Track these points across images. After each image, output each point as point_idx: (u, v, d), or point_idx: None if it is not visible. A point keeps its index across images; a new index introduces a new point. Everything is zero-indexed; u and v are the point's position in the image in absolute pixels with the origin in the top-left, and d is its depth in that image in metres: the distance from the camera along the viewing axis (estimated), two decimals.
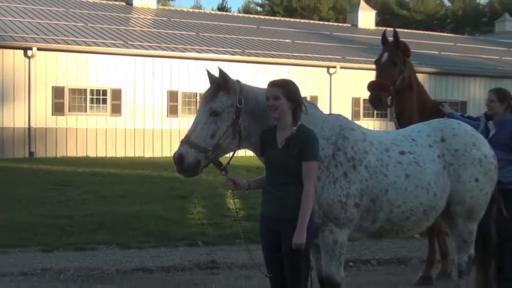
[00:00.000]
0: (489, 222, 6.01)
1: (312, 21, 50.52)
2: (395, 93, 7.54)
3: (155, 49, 28.60)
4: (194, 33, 33.22)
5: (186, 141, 4.90)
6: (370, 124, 30.77)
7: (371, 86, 7.40)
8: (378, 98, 7.36)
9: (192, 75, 27.79)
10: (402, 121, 7.53)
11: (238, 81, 5.09)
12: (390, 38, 7.77)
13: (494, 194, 5.92)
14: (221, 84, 5.00)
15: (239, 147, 5.09)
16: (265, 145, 4.94)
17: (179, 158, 4.86)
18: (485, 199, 5.80)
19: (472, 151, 5.69)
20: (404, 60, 7.56)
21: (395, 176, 5.31)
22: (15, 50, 25.71)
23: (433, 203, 5.49)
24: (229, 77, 5.02)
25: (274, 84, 4.91)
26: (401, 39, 7.78)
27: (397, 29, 8.32)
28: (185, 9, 45.32)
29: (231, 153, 5.11)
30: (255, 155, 5.20)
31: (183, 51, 29.03)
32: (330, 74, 31.86)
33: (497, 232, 6.39)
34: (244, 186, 5.06)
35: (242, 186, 5.03)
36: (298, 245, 4.68)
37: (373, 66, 7.73)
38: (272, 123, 4.95)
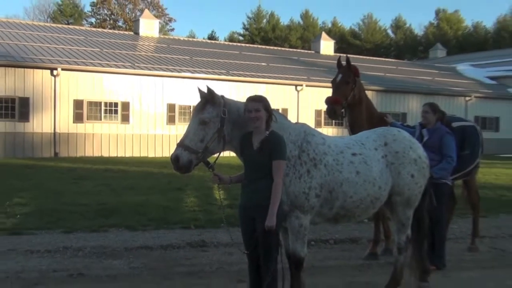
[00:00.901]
0: (422, 209, 6.04)
1: (283, 48, 50.61)
2: (347, 106, 7.59)
3: (157, 70, 28.54)
4: (189, 57, 33.18)
5: (181, 145, 4.94)
6: (329, 131, 30.91)
7: (328, 101, 7.46)
8: (333, 110, 7.43)
9: (187, 91, 27.74)
10: (354, 129, 7.55)
11: (223, 96, 5.12)
12: (344, 62, 7.81)
13: (426, 187, 5.97)
14: (208, 98, 5.03)
15: (224, 149, 5.13)
16: (243, 147, 4.95)
17: (175, 158, 4.90)
18: (420, 191, 5.83)
19: (409, 153, 5.72)
20: (354, 80, 7.57)
21: (348, 173, 5.33)
22: (43, 70, 25.58)
23: (378, 194, 5.52)
24: (215, 93, 5.06)
25: (254, 99, 4.92)
26: (353, 63, 7.80)
27: (350, 55, 8.39)
28: (182, 38, 45.24)
29: (217, 154, 5.13)
30: (236, 155, 5.20)
31: (179, 72, 29.02)
32: (298, 91, 31.99)
33: (429, 217, 6.46)
34: (227, 181, 5.09)
35: (225, 181, 5.07)
36: (270, 227, 4.69)
37: (331, 85, 7.77)
38: (250, 129, 4.98)
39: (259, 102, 4.89)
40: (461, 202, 8.79)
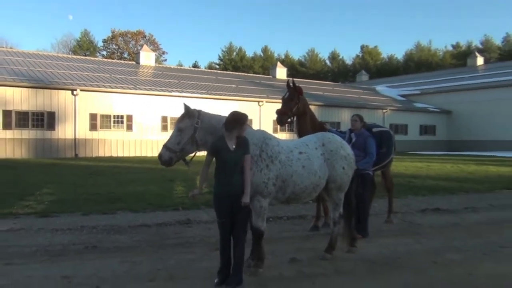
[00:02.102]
0: (351, 193, 6.10)
1: (248, 74, 50.60)
2: (295, 117, 7.61)
3: (153, 91, 28.20)
4: (177, 81, 32.89)
5: (164, 146, 5.15)
6: (283, 136, 31.00)
7: (277, 112, 7.50)
8: (280, 119, 7.46)
9: (176, 106, 27.47)
10: (301, 134, 7.56)
11: (199, 111, 5.18)
12: (291, 84, 7.82)
13: (353, 176, 6.03)
14: (185, 112, 5.13)
15: (199, 150, 5.19)
16: (219, 149, 4.88)
17: (159, 156, 5.14)
18: (349, 179, 5.88)
19: (340, 151, 5.76)
20: (298, 97, 7.55)
21: (296, 167, 5.36)
22: (66, 91, 25.00)
23: (318, 182, 5.55)
24: (190, 108, 5.16)
25: (246, 117, 4.98)
26: (298, 85, 7.81)
27: (297, 79, 8.47)
28: (172, 66, 44.79)
29: (193, 154, 5.22)
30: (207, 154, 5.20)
31: (170, 92, 28.72)
32: (260, 106, 31.99)
33: (356, 198, 6.53)
34: (200, 192, 5.05)
35: (199, 192, 5.02)
36: (246, 203, 4.77)
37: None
38: (220, 134, 4.96)
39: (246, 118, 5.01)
40: (379, 187, 8.91)
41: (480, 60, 55.30)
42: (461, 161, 24.53)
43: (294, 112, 7.50)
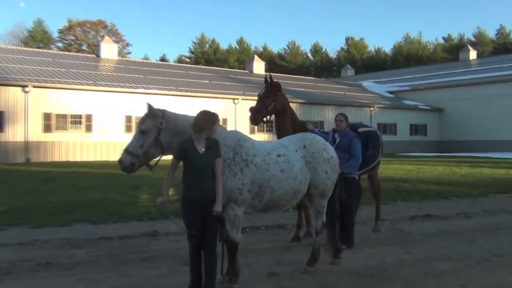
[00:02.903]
0: (334, 199, 6.12)
1: (223, 69, 50.63)
2: (272, 116, 7.62)
3: (116, 87, 27.94)
4: (143, 76, 32.64)
5: (125, 150, 5.10)
6: (261, 136, 31.10)
7: (250, 110, 7.51)
8: (254, 118, 7.47)
9: (142, 104, 27.22)
10: (280, 134, 7.57)
11: (163, 110, 5.16)
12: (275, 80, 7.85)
13: (337, 181, 6.06)
14: (148, 113, 5.12)
15: (164, 153, 5.16)
16: (186, 151, 4.84)
17: (120, 161, 5.08)
18: (332, 184, 5.91)
19: (323, 153, 5.78)
20: (275, 93, 7.55)
21: (274, 171, 5.35)
22: (16, 88, 24.55)
23: (299, 188, 5.56)
24: (153, 108, 5.13)
25: (217, 116, 4.99)
26: (276, 80, 7.82)
27: (277, 74, 8.49)
28: (137, 60, 44.41)
29: (158, 157, 5.20)
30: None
31: (135, 88, 28.49)
32: (235, 104, 32.03)
33: (340, 205, 6.56)
34: (168, 199, 4.99)
35: (167, 199, 4.95)
36: (218, 212, 4.78)
37: None
38: (188, 136, 4.93)
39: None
40: (366, 192, 8.98)
41: (473, 54, 56.62)
42: (454, 163, 25.02)
43: (270, 110, 7.50)
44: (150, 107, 5.12)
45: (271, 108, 7.50)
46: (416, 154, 36.64)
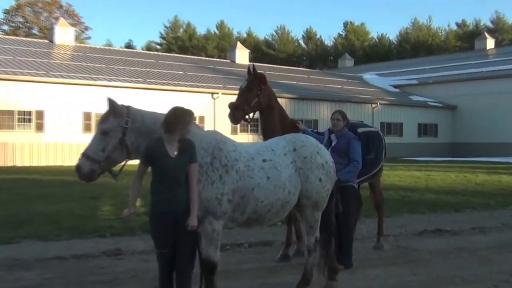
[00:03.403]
0: (330, 211, 6.14)
1: (200, 57, 50.59)
2: (255, 113, 7.64)
3: (73, 78, 27.74)
4: (105, 66, 32.47)
5: (83, 155, 5.03)
6: (245, 137, 31.14)
7: (230, 106, 7.52)
8: (233, 115, 7.47)
9: (103, 99, 27.05)
10: (266, 135, 7.57)
11: (128, 107, 5.14)
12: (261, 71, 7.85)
13: (333, 190, 6.08)
14: (110, 109, 5.07)
15: (130, 158, 5.13)
16: (155, 155, 4.82)
17: (77, 168, 5.02)
18: (327, 194, 5.91)
19: (316, 158, 5.79)
20: (259, 87, 7.56)
21: (259, 178, 5.34)
22: None
23: (288, 198, 5.55)
24: (116, 104, 5.10)
25: (191, 114, 4.97)
26: (260, 71, 7.84)
27: (264, 65, 8.50)
28: (98, 47, 44.15)
29: (123, 163, 5.16)
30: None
31: (95, 80, 28.34)
32: (214, 99, 32.02)
33: (336, 219, 6.58)
34: (134, 209, 4.99)
35: (133, 212, 4.97)
36: (193, 226, 4.78)
37: None
38: (157, 136, 4.93)
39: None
40: (367, 203, 9.03)
41: (490, 43, 57.37)
42: (468, 169, 25.32)
43: (253, 106, 7.51)
44: (112, 103, 5.08)
45: (254, 104, 7.51)
46: (425, 159, 37.00)
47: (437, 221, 11.15)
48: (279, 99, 8.10)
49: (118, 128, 5.03)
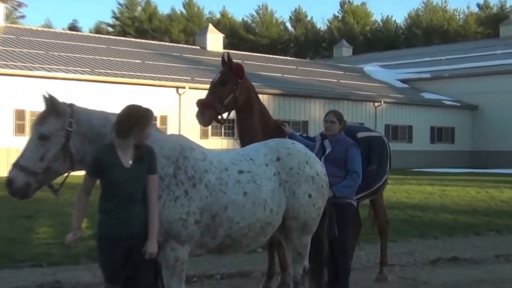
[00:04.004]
0: (321, 235, 6.16)
1: (162, 43, 50.50)
2: (236, 113, 7.65)
3: (2, 67, 27.45)
4: (43, 52, 32.24)
5: (16, 165, 4.92)
6: (217, 142, 31.12)
7: (198, 104, 7.51)
8: (201, 115, 7.47)
9: (40, 94, 26.83)
10: (244, 140, 7.55)
11: (71, 105, 5.10)
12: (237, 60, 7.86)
13: (326, 208, 6.10)
14: (50, 108, 5.01)
15: (73, 169, 5.08)
16: (105, 166, 4.80)
17: (8, 182, 4.89)
18: (318, 213, 5.93)
19: (305, 169, 5.81)
20: (236, 80, 7.58)
21: (234, 194, 5.34)
22: None
23: (270, 218, 5.56)
24: (57, 101, 5.04)
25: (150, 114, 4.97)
26: (237, 61, 7.85)
27: (242, 52, 8.48)
28: (34, 28, 43.83)
29: (65, 175, 5.11)
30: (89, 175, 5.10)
31: (31, 70, 28.09)
32: (179, 94, 31.97)
33: (330, 244, 6.60)
34: (80, 233, 5.00)
35: (79, 235, 4.97)
36: (152, 254, 4.78)
37: None
38: (108, 143, 4.92)
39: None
40: (367, 225, 9.06)
41: None
42: (492, 184, 25.55)
43: (227, 104, 7.52)
44: (52, 100, 5.04)
45: (228, 101, 7.52)
46: (439, 170, 37.24)
47: (454, 247, 11.23)
48: (260, 96, 8.12)
49: (60, 132, 4.96)
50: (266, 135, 7.26)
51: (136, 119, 4.85)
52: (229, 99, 7.52)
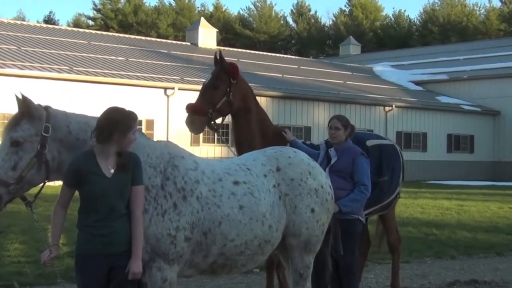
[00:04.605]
0: (325, 254, 6.16)
1: (149, 38, 50.50)
2: (232, 118, 7.66)
3: None
4: (16, 47, 32.19)
5: None
6: (210, 150, 31.11)
7: (186, 109, 7.53)
8: (191, 123, 7.49)
9: (12, 95, 26.79)
10: (241, 148, 7.57)
11: (47, 107, 5.10)
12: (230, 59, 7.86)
13: (330, 225, 6.10)
14: (24, 111, 4.99)
15: (49, 179, 5.07)
16: (84, 176, 4.79)
17: None
18: (322, 230, 5.92)
19: (308, 180, 5.80)
20: (229, 82, 7.59)
21: (228, 208, 5.34)
22: None
23: (269, 235, 5.56)
24: (31, 103, 5.03)
25: (134, 118, 4.96)
26: (231, 60, 7.88)
27: (237, 50, 8.48)
28: (6, 20, 43.80)
29: (41, 185, 5.09)
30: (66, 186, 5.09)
31: (2, 67, 28.03)
32: (168, 96, 31.91)
33: (335, 265, 6.60)
34: (58, 250, 4.99)
35: (57, 253, 4.96)
36: (136, 274, 4.78)
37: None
38: (87, 149, 4.92)
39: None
40: (376, 243, 9.06)
41: None
42: None
43: (220, 108, 7.52)
44: (26, 102, 5.02)
45: (222, 105, 7.52)
46: (456, 183, 37.24)
47: (473, 268, 11.24)
48: (258, 98, 8.13)
49: (34, 138, 4.95)
50: (265, 143, 7.29)
51: (117, 123, 4.84)
52: (222, 103, 7.53)
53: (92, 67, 31.66)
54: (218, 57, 7.71)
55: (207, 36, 46.19)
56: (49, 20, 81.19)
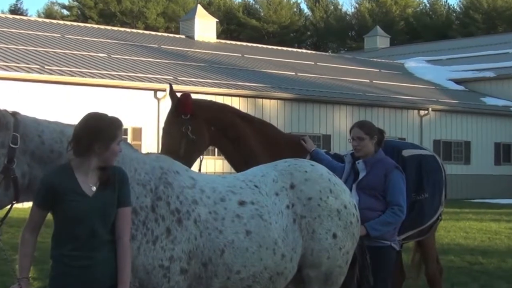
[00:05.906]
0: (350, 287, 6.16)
1: (135, 30, 50.68)
2: (202, 157, 7.72)
3: None
4: None
5: None
6: (210, 164, 31.07)
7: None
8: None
9: None
10: (239, 167, 7.60)
11: (14, 114, 5.10)
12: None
13: (356, 254, 6.08)
14: None
15: (17, 200, 5.07)
16: (59, 194, 4.76)
17: None
18: (346, 260, 5.92)
19: (328, 199, 5.79)
20: (182, 121, 7.60)
21: (233, 233, 5.34)
22: None
23: (281, 266, 5.55)
24: None
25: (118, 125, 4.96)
26: (181, 93, 7.88)
27: (243, 43, 8.49)
28: None
29: (9, 207, 5.09)
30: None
31: None
32: (158, 99, 31.94)
33: None
34: (28, 285, 4.95)
35: (27, 287, 4.90)
36: None
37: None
38: (64, 163, 4.92)
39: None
40: (413, 275, 9.03)
41: None
42: None
43: (187, 152, 7.51)
44: None
45: (186, 149, 7.53)
46: (506, 201, 37.18)
47: None
48: (267, 101, 8.14)
49: (1, 150, 4.97)
50: (274, 155, 7.25)
51: (98, 131, 4.81)
52: (185, 146, 7.51)
53: (67, 66, 31.75)
54: (169, 94, 7.73)
55: (205, 28, 46.18)
56: (16, 10, 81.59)
